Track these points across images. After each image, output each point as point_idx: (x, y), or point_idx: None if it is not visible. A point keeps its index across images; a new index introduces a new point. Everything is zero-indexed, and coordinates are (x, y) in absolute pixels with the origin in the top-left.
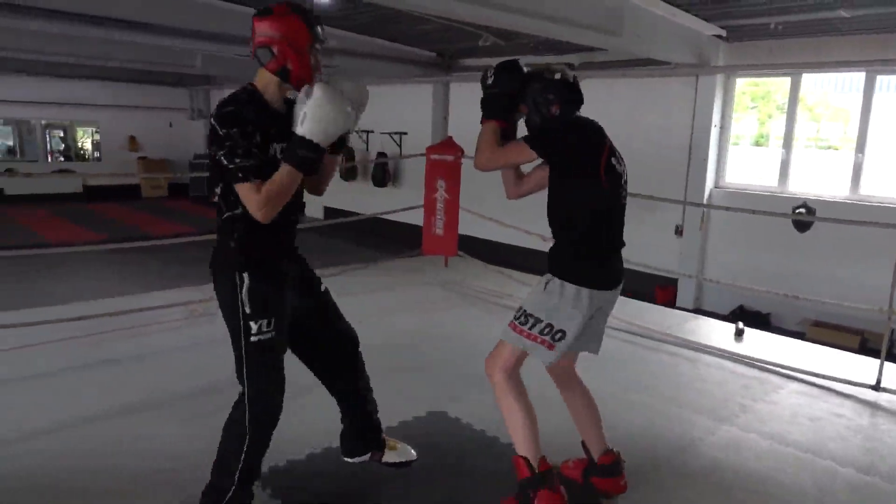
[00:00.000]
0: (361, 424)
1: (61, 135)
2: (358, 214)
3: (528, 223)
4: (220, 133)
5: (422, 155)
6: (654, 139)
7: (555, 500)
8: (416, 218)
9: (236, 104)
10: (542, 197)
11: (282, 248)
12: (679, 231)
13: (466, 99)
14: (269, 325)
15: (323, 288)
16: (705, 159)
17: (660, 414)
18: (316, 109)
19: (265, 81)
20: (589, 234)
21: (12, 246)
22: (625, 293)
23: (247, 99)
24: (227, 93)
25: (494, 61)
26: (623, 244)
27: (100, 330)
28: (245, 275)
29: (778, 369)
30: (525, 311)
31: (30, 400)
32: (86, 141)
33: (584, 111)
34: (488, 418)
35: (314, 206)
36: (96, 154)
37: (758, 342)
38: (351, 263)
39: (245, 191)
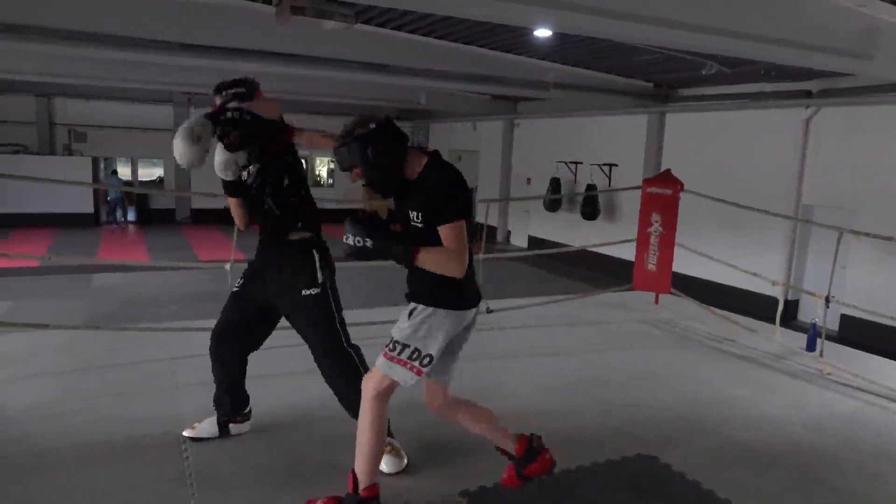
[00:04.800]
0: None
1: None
2: (564, 245)
3: (751, 261)
4: None
5: (637, 188)
6: None
7: None
8: (627, 252)
9: None
10: (767, 238)
11: (259, 252)
12: None
13: (682, 130)
14: (237, 284)
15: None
16: None
17: None
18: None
19: None
20: None
21: None
22: (867, 349)
23: None
24: (445, 127)
25: (719, 89)
26: None
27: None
28: None
29: None
30: (395, 340)
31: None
32: (322, 169)
33: (825, 143)
34: (703, 469)
35: (518, 236)
36: (330, 181)
37: None
38: (555, 294)
39: None
